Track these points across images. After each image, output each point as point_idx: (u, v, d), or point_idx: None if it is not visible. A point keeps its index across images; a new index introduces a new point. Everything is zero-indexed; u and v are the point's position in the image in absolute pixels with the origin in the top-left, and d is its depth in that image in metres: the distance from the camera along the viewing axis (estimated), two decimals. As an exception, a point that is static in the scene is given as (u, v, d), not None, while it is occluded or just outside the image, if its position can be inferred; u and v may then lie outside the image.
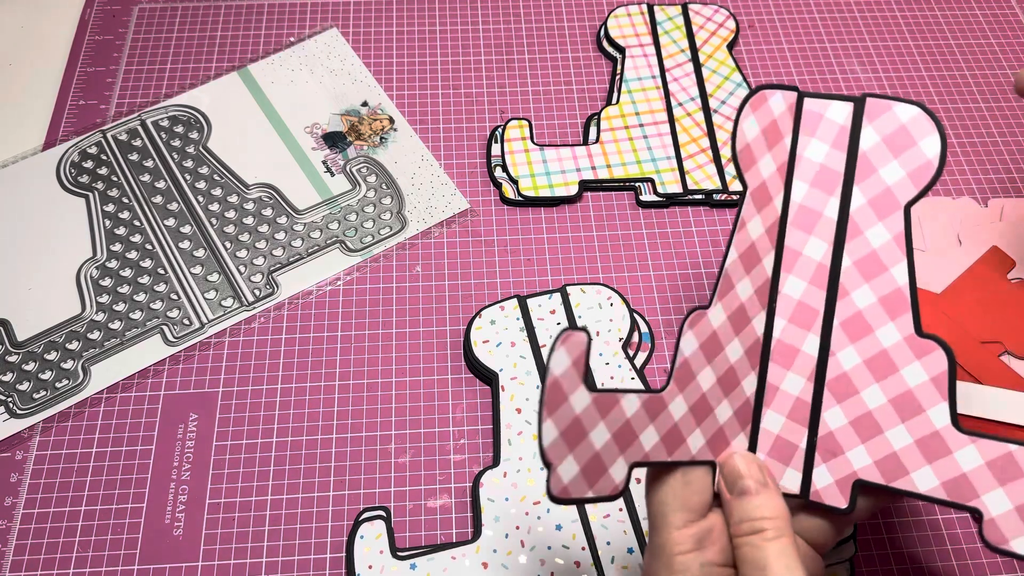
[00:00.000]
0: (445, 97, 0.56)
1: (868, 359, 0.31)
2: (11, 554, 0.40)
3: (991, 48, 0.60)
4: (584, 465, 0.28)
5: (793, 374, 0.32)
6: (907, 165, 0.31)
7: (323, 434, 0.43)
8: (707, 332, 0.31)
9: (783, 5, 0.62)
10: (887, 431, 0.31)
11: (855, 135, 0.31)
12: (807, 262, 0.32)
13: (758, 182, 0.32)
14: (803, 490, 0.32)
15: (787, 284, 0.32)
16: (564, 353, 0.26)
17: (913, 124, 0.31)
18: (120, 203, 0.50)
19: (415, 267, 0.49)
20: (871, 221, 0.31)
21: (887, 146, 0.31)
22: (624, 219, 0.51)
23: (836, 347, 0.32)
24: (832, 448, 0.32)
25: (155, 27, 0.59)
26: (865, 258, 0.31)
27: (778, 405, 0.32)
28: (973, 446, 0.30)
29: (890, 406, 0.31)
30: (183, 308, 0.47)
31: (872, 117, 0.31)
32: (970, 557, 0.41)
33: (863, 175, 0.31)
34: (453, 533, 0.41)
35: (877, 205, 0.31)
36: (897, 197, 0.31)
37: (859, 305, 0.31)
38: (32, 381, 0.45)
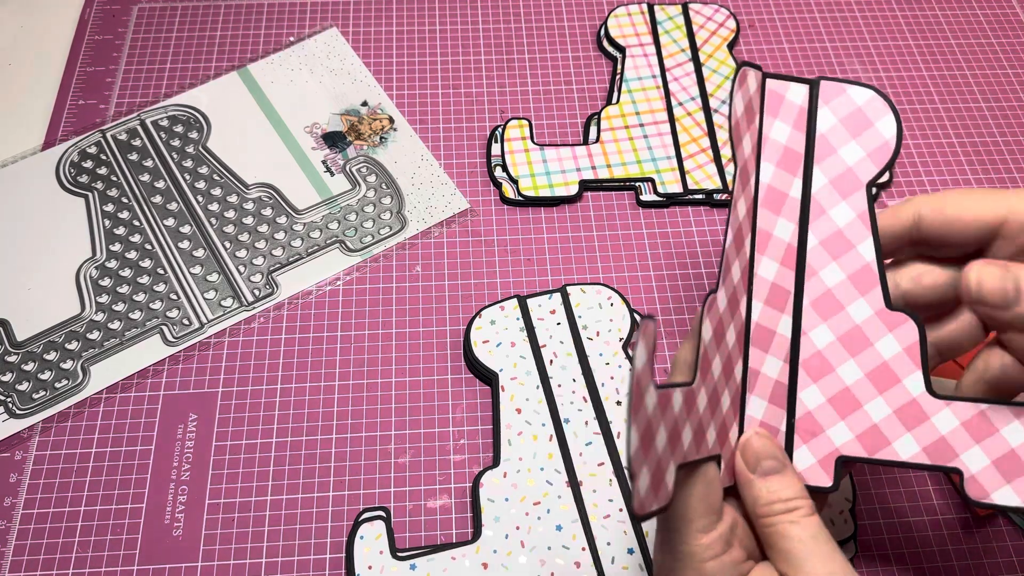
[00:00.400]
0: (445, 97, 0.56)
1: (841, 336, 0.32)
2: (11, 554, 0.40)
3: (991, 48, 0.60)
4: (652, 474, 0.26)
5: (771, 357, 0.32)
6: (866, 145, 0.32)
7: (323, 434, 0.43)
8: (716, 317, 0.31)
9: (783, 5, 0.62)
10: (865, 404, 0.31)
11: (812, 117, 0.32)
12: (777, 243, 0.32)
13: (742, 160, 0.33)
14: None
15: (761, 266, 0.32)
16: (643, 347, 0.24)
17: (868, 106, 0.32)
18: (120, 203, 0.50)
19: (415, 267, 0.49)
20: (834, 200, 0.32)
21: (845, 127, 0.32)
22: (624, 219, 0.51)
23: (808, 327, 0.32)
24: (811, 428, 0.32)
25: (155, 27, 0.59)
26: (830, 237, 0.32)
27: (760, 390, 0.32)
28: (948, 409, 0.31)
29: (867, 380, 0.31)
30: (183, 308, 0.47)
31: (827, 99, 0.32)
32: (970, 557, 0.41)
33: (822, 156, 0.32)
34: (453, 533, 0.41)
35: (839, 185, 0.32)
36: (859, 176, 0.32)
37: (828, 284, 0.32)
38: (31, 381, 0.44)
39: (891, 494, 0.42)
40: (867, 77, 0.58)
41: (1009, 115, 0.56)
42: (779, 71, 0.58)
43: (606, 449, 0.42)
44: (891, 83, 0.58)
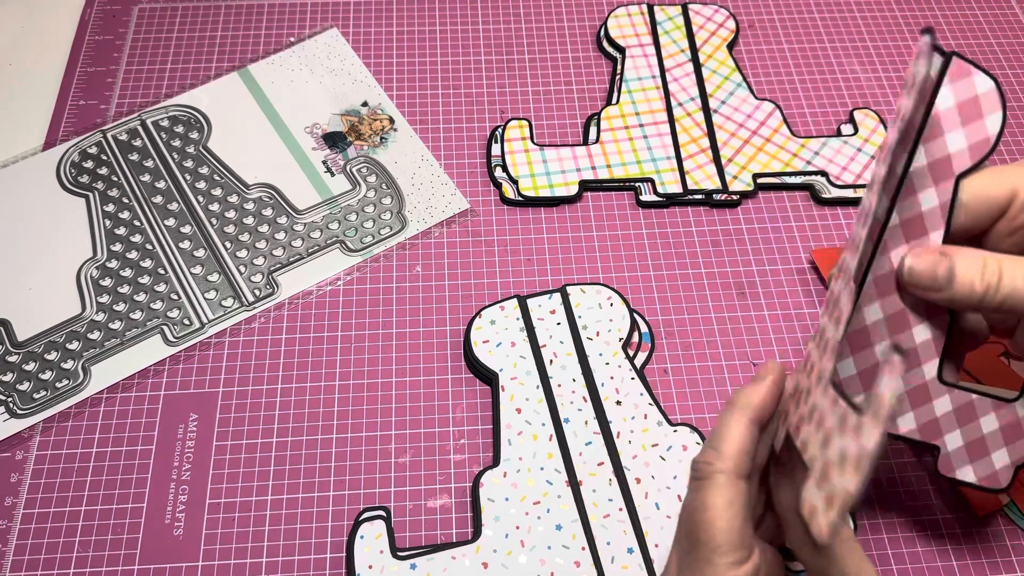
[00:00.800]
0: (445, 97, 0.56)
1: (889, 315, 0.33)
2: (11, 554, 0.40)
3: (991, 48, 0.60)
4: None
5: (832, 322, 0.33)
6: (971, 137, 0.31)
7: (323, 434, 0.43)
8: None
9: (783, 5, 0.62)
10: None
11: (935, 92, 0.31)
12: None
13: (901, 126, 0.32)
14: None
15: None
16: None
17: (985, 98, 0.31)
18: (120, 203, 0.50)
19: (415, 267, 0.49)
20: (927, 184, 0.32)
21: (959, 113, 0.31)
22: (624, 219, 0.51)
23: (864, 301, 0.33)
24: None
25: (155, 27, 0.59)
26: (912, 218, 0.32)
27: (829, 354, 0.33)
28: (948, 396, 0.34)
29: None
30: (183, 308, 0.47)
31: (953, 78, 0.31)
32: (970, 557, 0.41)
33: (932, 135, 0.31)
34: (453, 533, 0.41)
35: (935, 169, 0.32)
36: (953, 166, 0.31)
37: (895, 263, 0.33)
38: (32, 381, 0.45)
39: (891, 494, 0.42)
40: (867, 77, 0.58)
41: (1009, 115, 0.56)
42: (779, 71, 0.58)
43: (606, 449, 0.42)
44: (891, 83, 0.58)
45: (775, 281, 0.49)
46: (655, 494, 0.41)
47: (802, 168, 0.52)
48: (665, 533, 0.40)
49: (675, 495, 0.41)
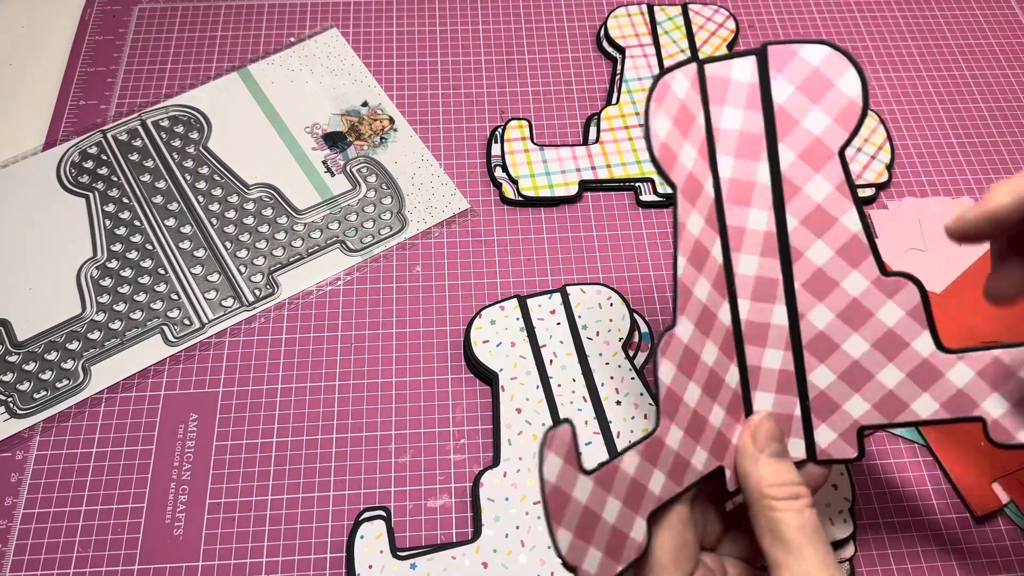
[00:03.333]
0: (445, 97, 0.56)
1: (841, 312, 0.31)
2: (11, 554, 0.40)
3: (991, 48, 0.60)
4: (606, 546, 0.27)
5: (770, 349, 0.32)
6: (830, 110, 0.29)
7: (323, 434, 0.43)
8: (679, 350, 0.30)
9: (783, 5, 0.62)
10: (878, 374, 0.31)
11: (766, 90, 0.30)
12: (753, 235, 0.31)
13: (684, 175, 0.30)
14: (809, 453, 0.32)
15: (740, 264, 0.31)
16: (554, 456, 0.25)
17: (826, 65, 0.29)
18: (120, 203, 0.50)
19: (415, 267, 0.49)
20: (807, 175, 0.30)
21: (804, 94, 0.29)
22: (624, 219, 0.51)
23: (804, 309, 0.31)
24: (827, 406, 0.32)
25: (155, 27, 0.59)
26: (811, 214, 0.30)
27: (764, 384, 0.32)
28: (961, 363, 0.30)
29: (874, 350, 0.31)
30: (183, 308, 0.47)
31: (779, 66, 0.30)
32: (970, 557, 0.41)
33: (785, 130, 0.30)
34: (453, 533, 0.41)
35: (809, 157, 0.30)
36: (828, 145, 0.29)
37: (817, 263, 0.31)
38: (32, 381, 0.45)
39: (891, 494, 0.42)
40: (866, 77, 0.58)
41: (1009, 115, 0.56)
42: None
43: (606, 449, 0.42)
44: (891, 83, 0.58)
45: (775, 281, 0.49)
46: (655, 494, 0.41)
47: (802, 168, 0.52)
48: (665, 533, 0.40)
49: (675, 495, 0.41)
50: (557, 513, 0.26)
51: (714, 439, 0.31)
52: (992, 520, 0.42)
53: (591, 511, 0.27)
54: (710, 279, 0.31)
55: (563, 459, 0.26)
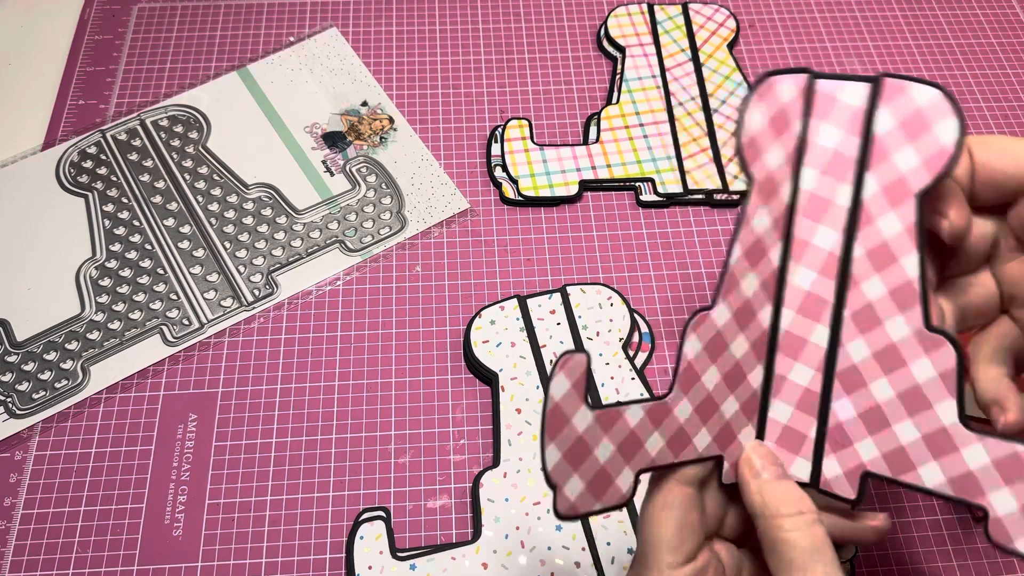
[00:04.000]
0: (445, 97, 0.56)
1: (877, 352, 0.31)
2: (11, 554, 0.40)
3: (991, 48, 0.60)
4: (590, 480, 0.28)
5: (801, 364, 0.32)
6: (922, 152, 0.29)
7: (323, 434, 0.43)
8: (711, 332, 0.30)
9: (783, 5, 0.62)
10: (895, 425, 0.30)
11: (870, 118, 0.30)
12: (816, 252, 0.31)
13: (764, 174, 0.31)
14: (813, 479, 0.32)
15: (796, 275, 0.32)
16: (563, 377, 0.27)
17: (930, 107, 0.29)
18: (119, 203, 0.50)
19: (415, 267, 0.49)
20: (883, 209, 0.30)
21: (903, 131, 0.30)
22: (624, 219, 0.51)
23: (846, 338, 0.31)
24: (841, 439, 0.31)
25: (155, 27, 0.59)
26: (876, 248, 0.30)
27: (786, 395, 0.32)
28: (980, 444, 0.29)
29: (898, 400, 0.30)
30: (182, 308, 0.47)
31: (888, 99, 0.30)
32: (970, 557, 0.41)
33: (877, 161, 0.30)
34: (453, 533, 0.41)
35: (890, 193, 0.30)
36: (910, 185, 0.29)
37: (869, 297, 0.31)
38: (31, 381, 0.44)
39: (891, 494, 0.42)
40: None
41: (1009, 115, 0.56)
42: (779, 71, 0.58)
43: (606, 449, 0.42)
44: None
45: (775, 281, 0.49)
46: (655, 494, 0.41)
47: (802, 168, 0.52)
48: (665, 533, 0.40)
49: (675, 495, 0.41)
50: (552, 430, 0.27)
51: (721, 427, 0.31)
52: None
53: (584, 443, 0.28)
54: (760, 278, 0.31)
55: (571, 384, 0.27)
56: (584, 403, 0.27)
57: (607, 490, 0.28)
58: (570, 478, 0.27)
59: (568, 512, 0.27)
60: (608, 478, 0.28)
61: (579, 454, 0.28)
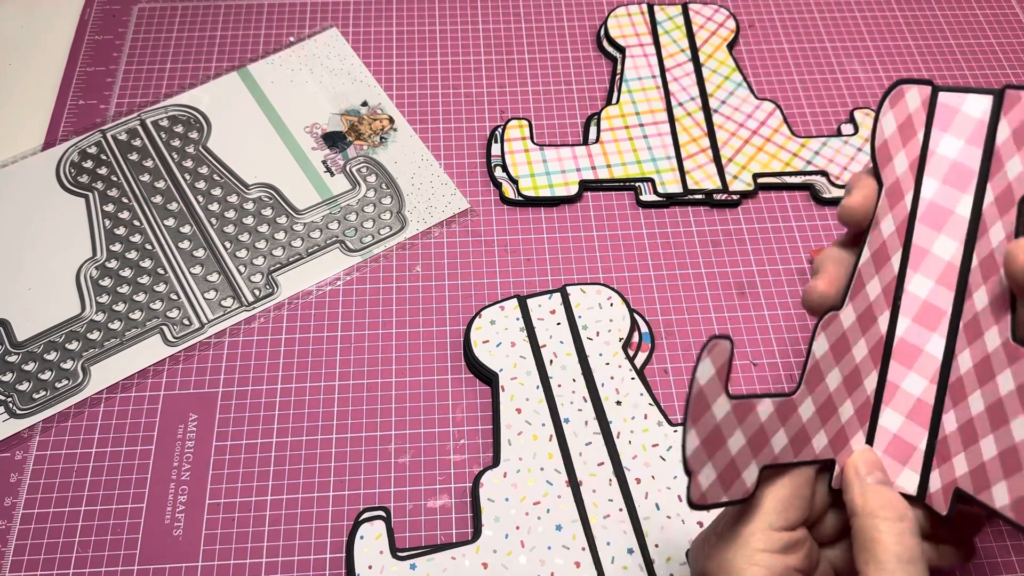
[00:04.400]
0: (445, 97, 0.56)
1: (977, 363, 0.30)
2: (11, 554, 0.40)
3: (991, 48, 0.60)
4: (721, 472, 0.28)
5: (915, 374, 0.31)
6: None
7: (323, 434, 0.43)
8: (838, 333, 0.31)
9: (783, 5, 0.62)
10: (981, 440, 0.29)
11: (992, 130, 0.30)
12: (935, 260, 0.31)
13: (892, 179, 0.32)
14: (920, 492, 0.31)
15: (913, 282, 0.31)
16: (710, 363, 0.26)
17: None
18: (120, 203, 0.50)
19: (415, 267, 0.49)
20: (994, 218, 0.30)
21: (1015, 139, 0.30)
22: (624, 219, 0.51)
23: (959, 349, 0.31)
24: (944, 453, 0.30)
25: (155, 27, 0.59)
26: (987, 257, 0.30)
27: (898, 404, 0.32)
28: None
29: (985, 414, 0.29)
30: (183, 308, 0.47)
31: (1008, 109, 0.30)
32: (970, 557, 0.41)
33: (995, 171, 0.30)
34: (453, 533, 0.41)
35: (1000, 201, 0.30)
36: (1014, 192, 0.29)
37: (977, 307, 0.30)
38: (32, 381, 0.44)
39: (891, 494, 0.42)
40: (867, 77, 0.58)
41: (1009, 115, 0.56)
42: (779, 71, 0.58)
43: (606, 449, 0.42)
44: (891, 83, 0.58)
45: (775, 281, 0.49)
46: (655, 494, 0.41)
47: (802, 168, 0.52)
48: (665, 533, 0.40)
49: (675, 495, 0.41)
50: (695, 415, 0.26)
51: (837, 431, 0.31)
52: (992, 520, 0.42)
53: (720, 432, 0.27)
54: (882, 283, 0.32)
55: (716, 370, 0.27)
56: (725, 391, 0.27)
57: (734, 483, 0.28)
58: (704, 466, 0.27)
59: (699, 502, 0.27)
60: (736, 471, 0.28)
61: (715, 443, 0.27)
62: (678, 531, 0.40)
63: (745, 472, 0.28)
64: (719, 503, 0.28)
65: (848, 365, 0.31)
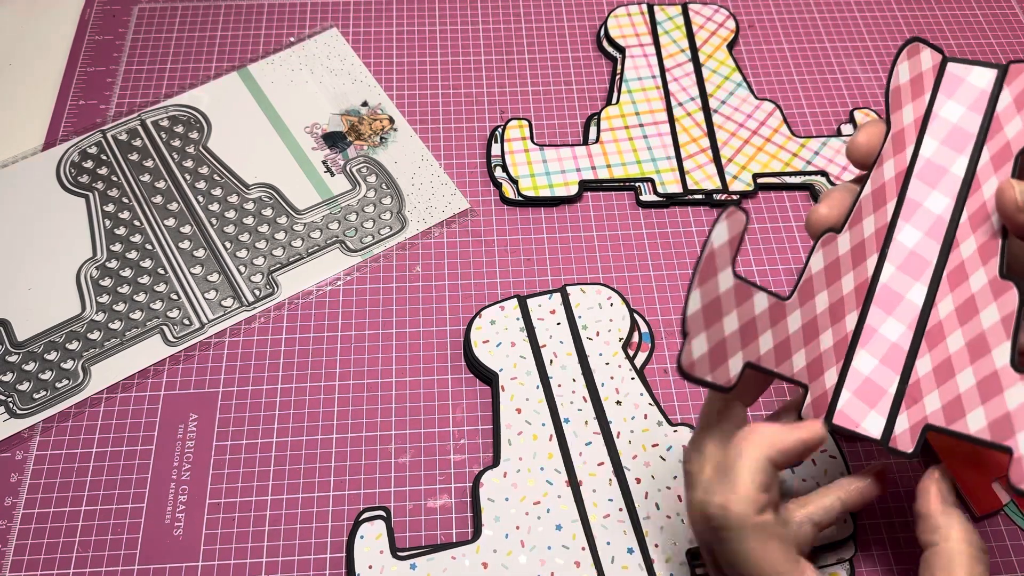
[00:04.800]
0: (445, 97, 0.56)
1: (959, 305, 0.31)
2: (11, 554, 0.40)
3: (991, 48, 0.60)
4: (712, 347, 0.28)
5: (893, 319, 0.32)
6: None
7: (323, 434, 0.43)
8: (833, 255, 0.32)
9: (783, 5, 0.62)
10: (958, 374, 0.31)
11: (993, 100, 0.32)
12: (926, 214, 0.32)
13: (899, 127, 0.33)
14: (884, 436, 0.32)
15: (902, 232, 0.33)
16: (725, 228, 0.27)
17: None
18: (120, 203, 0.50)
19: (415, 267, 0.49)
20: (988, 174, 0.32)
21: (1016, 104, 0.31)
22: (624, 219, 0.51)
23: (939, 297, 0.32)
24: (915, 395, 0.32)
25: (155, 27, 0.59)
26: (978, 210, 0.32)
27: (873, 347, 0.33)
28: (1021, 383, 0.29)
29: (965, 349, 0.31)
30: (183, 308, 0.47)
31: (1011, 80, 0.32)
32: (970, 557, 0.41)
33: (992, 134, 0.32)
34: (453, 533, 0.41)
35: (997, 159, 0.31)
36: (1012, 147, 0.31)
37: (964, 255, 0.32)
38: (32, 381, 0.45)
39: (891, 494, 0.42)
40: (867, 77, 0.58)
41: (1009, 115, 0.56)
42: (779, 71, 0.58)
43: (606, 449, 0.42)
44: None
45: (775, 281, 0.49)
46: (655, 494, 0.41)
47: (802, 168, 0.52)
48: (665, 533, 0.40)
49: (675, 495, 0.41)
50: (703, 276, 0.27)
51: (814, 358, 0.32)
52: (992, 520, 0.42)
53: (720, 305, 0.28)
54: (874, 225, 0.33)
55: (729, 237, 0.27)
56: (731, 264, 0.28)
57: (720, 366, 0.29)
58: (699, 334, 0.27)
59: (687, 369, 0.28)
60: (724, 353, 0.29)
61: (713, 314, 0.28)
62: (678, 531, 0.40)
63: (731, 359, 0.29)
64: (703, 380, 0.28)
65: (835, 293, 0.32)
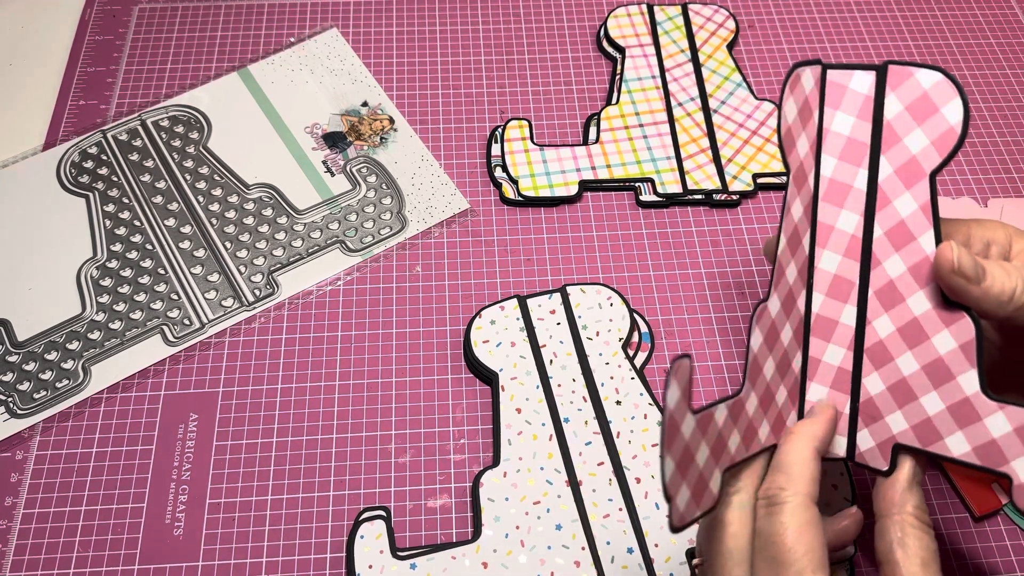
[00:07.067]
0: (445, 97, 0.56)
1: (901, 327, 0.32)
2: (11, 554, 0.40)
3: (991, 48, 0.60)
4: (693, 488, 0.28)
5: (833, 345, 0.33)
6: (930, 133, 0.31)
7: (323, 434, 0.43)
8: (768, 324, 0.32)
9: (783, 5, 0.62)
10: (921, 398, 0.31)
11: (879, 104, 0.31)
12: (840, 235, 0.32)
13: (797, 164, 0.33)
14: (849, 452, 0.33)
15: (822, 259, 0.33)
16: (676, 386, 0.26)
17: (935, 90, 0.31)
18: (120, 203, 0.50)
19: (415, 267, 0.49)
20: (899, 191, 0.31)
21: (910, 114, 0.31)
22: (624, 219, 0.51)
23: (872, 316, 0.32)
24: (872, 413, 0.32)
25: (155, 27, 0.59)
26: (895, 228, 0.32)
27: (821, 377, 0.33)
28: (1001, 413, 0.30)
29: (922, 373, 0.31)
30: (183, 308, 0.47)
31: (895, 85, 0.31)
32: (969, 557, 0.41)
33: (889, 144, 0.32)
34: (453, 533, 0.41)
35: (903, 174, 0.31)
36: (922, 166, 0.31)
37: (891, 274, 0.32)
38: (32, 381, 0.45)
39: (891, 494, 0.42)
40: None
41: (1009, 115, 0.56)
42: (779, 71, 0.58)
43: (606, 449, 0.42)
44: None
45: (775, 281, 0.49)
46: (655, 494, 0.41)
47: (802, 168, 0.52)
48: (665, 533, 0.40)
49: (675, 495, 0.41)
50: (669, 441, 0.27)
51: (776, 416, 0.32)
52: (992, 520, 0.42)
53: (689, 450, 0.28)
54: (797, 265, 0.33)
55: (681, 391, 0.27)
56: (689, 409, 0.27)
57: (703, 495, 0.28)
58: (680, 488, 0.27)
59: (680, 524, 0.27)
60: (704, 483, 0.29)
61: (687, 462, 0.28)
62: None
63: (712, 481, 0.29)
64: (695, 519, 0.28)
65: (779, 352, 0.32)
